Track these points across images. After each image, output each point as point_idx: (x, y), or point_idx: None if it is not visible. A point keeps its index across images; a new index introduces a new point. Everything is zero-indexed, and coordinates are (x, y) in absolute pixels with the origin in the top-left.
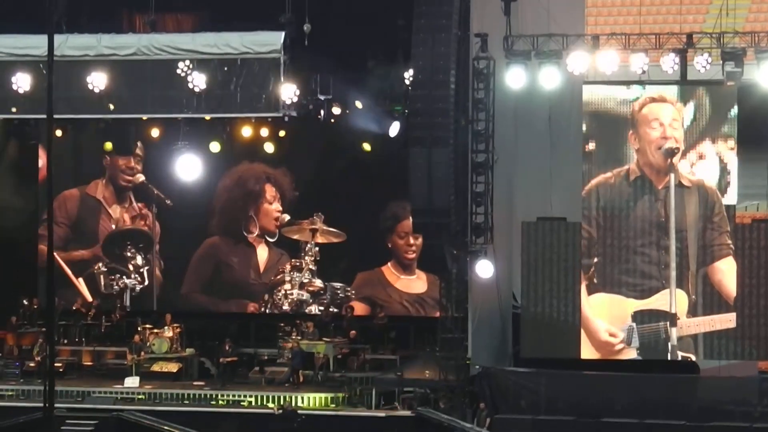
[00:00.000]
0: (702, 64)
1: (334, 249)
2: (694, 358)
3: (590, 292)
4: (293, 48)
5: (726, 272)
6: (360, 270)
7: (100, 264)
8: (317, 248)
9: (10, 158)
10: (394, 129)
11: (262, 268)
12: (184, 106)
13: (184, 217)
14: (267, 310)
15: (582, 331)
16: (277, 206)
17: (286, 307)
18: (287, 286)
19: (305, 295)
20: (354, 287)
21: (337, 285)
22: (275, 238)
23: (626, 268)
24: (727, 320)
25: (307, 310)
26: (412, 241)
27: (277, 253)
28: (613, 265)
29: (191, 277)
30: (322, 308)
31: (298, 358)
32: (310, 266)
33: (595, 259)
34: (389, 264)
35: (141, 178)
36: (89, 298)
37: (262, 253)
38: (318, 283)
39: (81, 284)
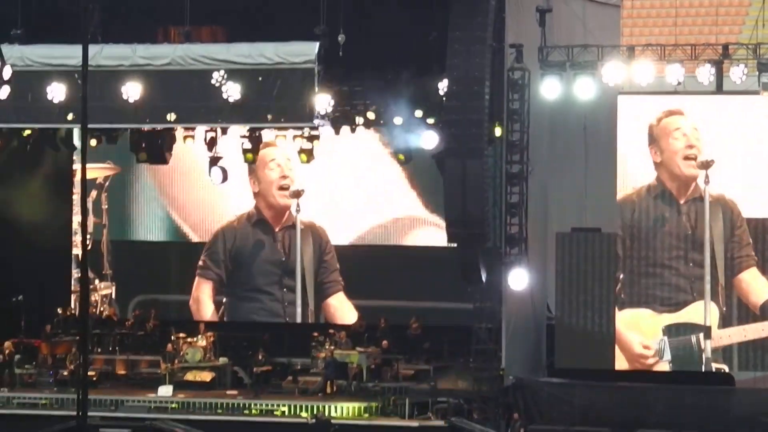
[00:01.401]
0: (738, 75)
1: None
2: (728, 369)
3: (620, 306)
4: (327, 58)
5: (750, 283)
6: None
7: None
8: None
9: (44, 168)
10: (428, 139)
11: None
12: (219, 116)
13: None
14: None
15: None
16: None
17: None
18: None
19: None
20: None
21: None
22: None
23: (656, 282)
24: (759, 330)
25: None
26: None
27: None
28: (646, 279)
29: None
30: None
31: (331, 367)
32: None
33: (621, 275)
34: None
35: None
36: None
37: None
38: None
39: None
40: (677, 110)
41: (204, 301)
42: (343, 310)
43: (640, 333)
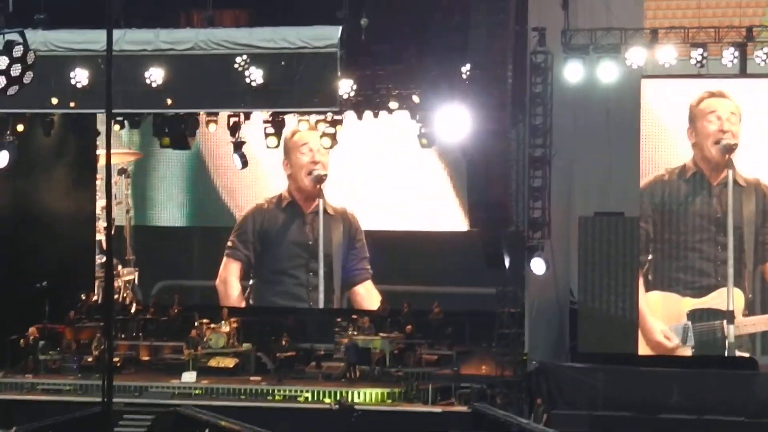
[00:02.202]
0: (762, 58)
1: None
2: (750, 355)
3: (647, 289)
4: (350, 43)
5: None
6: None
7: None
8: None
9: (68, 153)
10: (453, 125)
11: None
12: (242, 101)
13: None
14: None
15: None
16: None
17: None
18: None
19: None
20: None
21: None
22: None
23: (682, 265)
24: None
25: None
26: None
27: None
28: (670, 262)
29: None
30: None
31: (352, 352)
32: None
33: (650, 257)
34: None
35: None
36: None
37: None
38: None
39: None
40: (718, 92)
41: (231, 282)
42: (370, 297)
43: (664, 318)
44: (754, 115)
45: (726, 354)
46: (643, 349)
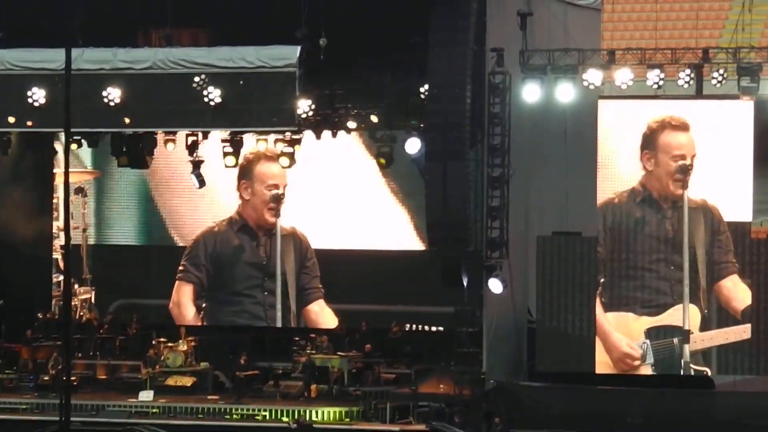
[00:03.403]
0: (718, 79)
1: None
2: (708, 372)
3: (605, 309)
4: (309, 62)
5: (732, 289)
6: None
7: None
8: None
9: (25, 172)
10: (411, 145)
11: None
12: (200, 120)
13: None
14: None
15: (601, 346)
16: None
17: None
18: None
19: None
20: None
21: None
22: None
23: (639, 284)
24: (741, 332)
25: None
26: None
27: None
28: (627, 282)
29: None
30: None
31: (308, 371)
32: None
33: (602, 279)
34: None
35: None
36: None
37: None
38: None
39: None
40: (681, 123)
41: (184, 304)
42: (323, 316)
43: (626, 334)
44: (709, 133)
45: (683, 371)
46: (602, 368)
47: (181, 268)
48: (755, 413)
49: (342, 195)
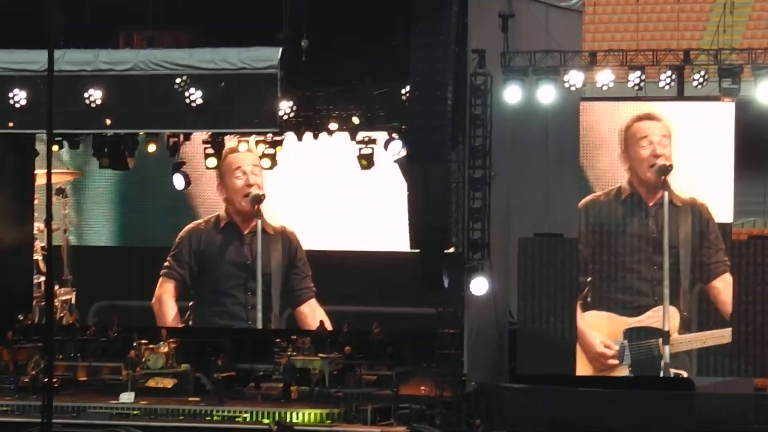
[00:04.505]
0: (699, 81)
1: None
2: (686, 375)
3: (584, 309)
4: (290, 64)
5: (723, 290)
6: None
7: None
8: None
9: (6, 173)
10: (393, 147)
11: None
12: (182, 121)
13: None
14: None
15: (578, 346)
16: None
17: None
18: None
19: None
20: None
21: None
22: None
23: (620, 285)
24: (720, 336)
25: None
26: None
27: None
28: (608, 283)
29: None
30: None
31: (289, 372)
32: None
33: (589, 278)
34: None
35: None
36: None
37: None
38: None
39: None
40: (646, 115)
41: (166, 301)
42: (314, 316)
43: (603, 334)
44: (691, 134)
45: (662, 372)
46: (582, 368)
47: (165, 264)
48: (735, 416)
49: (325, 196)
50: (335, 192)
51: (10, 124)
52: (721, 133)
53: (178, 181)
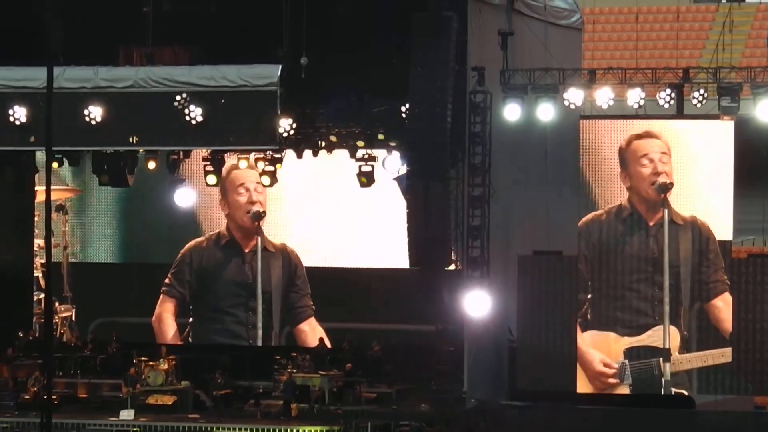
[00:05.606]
0: (698, 99)
1: None
2: (687, 393)
3: (584, 327)
4: (290, 81)
5: (723, 309)
6: None
7: None
8: None
9: (6, 189)
10: (392, 164)
11: None
12: (181, 138)
13: None
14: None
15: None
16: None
17: None
18: None
19: None
20: None
21: None
22: None
23: (620, 305)
24: (719, 355)
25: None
26: None
27: None
28: (608, 301)
29: None
30: None
31: (289, 390)
32: None
33: (588, 296)
34: None
35: None
36: None
37: None
38: None
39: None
40: (646, 133)
41: (166, 319)
42: (314, 335)
43: (603, 353)
44: (690, 153)
45: (663, 391)
46: (582, 385)
47: (166, 281)
48: None
49: (325, 214)
50: (335, 209)
51: (10, 142)
52: (721, 151)
53: (179, 198)
